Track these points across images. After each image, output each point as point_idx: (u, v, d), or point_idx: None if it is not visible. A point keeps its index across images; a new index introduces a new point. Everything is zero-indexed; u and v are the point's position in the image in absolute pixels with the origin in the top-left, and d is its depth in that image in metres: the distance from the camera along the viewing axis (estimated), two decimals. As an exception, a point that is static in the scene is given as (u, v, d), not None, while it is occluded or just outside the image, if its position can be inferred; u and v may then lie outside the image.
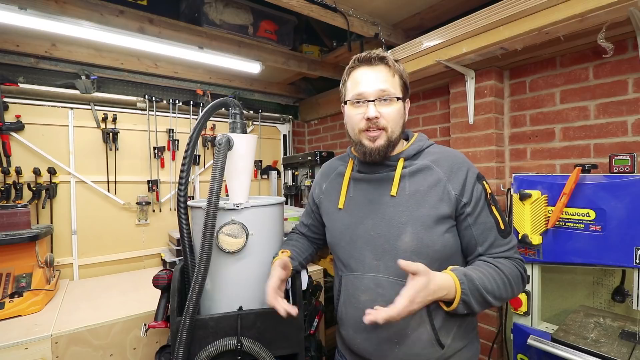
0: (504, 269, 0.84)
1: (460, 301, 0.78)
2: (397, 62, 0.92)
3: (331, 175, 1.09)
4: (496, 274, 0.83)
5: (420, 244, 0.86)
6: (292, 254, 1.08)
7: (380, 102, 0.87)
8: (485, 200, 0.88)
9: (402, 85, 0.91)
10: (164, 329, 1.17)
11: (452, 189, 0.87)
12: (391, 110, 0.88)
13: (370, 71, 0.89)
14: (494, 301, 0.82)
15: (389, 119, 0.88)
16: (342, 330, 1.00)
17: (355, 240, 0.94)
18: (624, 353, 1.11)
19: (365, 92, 0.88)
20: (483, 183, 0.90)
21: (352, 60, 0.93)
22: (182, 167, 1.10)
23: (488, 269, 0.84)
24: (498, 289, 0.82)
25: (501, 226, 0.88)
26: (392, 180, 0.92)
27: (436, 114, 2.26)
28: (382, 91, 0.87)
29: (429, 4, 1.93)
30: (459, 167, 0.89)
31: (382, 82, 0.87)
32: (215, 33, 2.12)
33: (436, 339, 0.86)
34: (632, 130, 1.47)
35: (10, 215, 1.69)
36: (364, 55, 0.90)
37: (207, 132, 2.78)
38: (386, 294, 0.88)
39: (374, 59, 0.89)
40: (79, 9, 1.74)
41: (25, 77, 2.09)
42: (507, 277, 0.83)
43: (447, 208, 0.86)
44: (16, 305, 1.49)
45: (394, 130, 0.89)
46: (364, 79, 0.89)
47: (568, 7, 1.26)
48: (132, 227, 2.41)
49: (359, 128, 0.90)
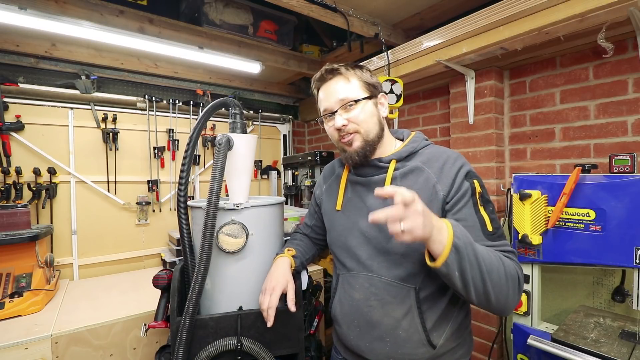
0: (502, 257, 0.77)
1: (452, 247, 0.67)
2: (356, 68, 0.96)
3: (331, 177, 1.12)
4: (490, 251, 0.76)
5: (409, 248, 0.86)
6: (296, 252, 1.09)
7: (344, 110, 0.92)
8: (470, 198, 0.84)
9: (363, 86, 0.94)
10: (164, 329, 1.17)
11: (441, 189, 0.86)
12: (356, 113, 0.91)
13: (327, 86, 0.95)
14: (487, 275, 0.71)
15: (358, 121, 0.91)
16: (336, 327, 1.03)
17: (352, 241, 0.97)
18: (624, 353, 1.11)
19: (328, 107, 0.94)
20: (473, 181, 0.86)
21: (312, 82, 1.00)
22: (182, 167, 1.10)
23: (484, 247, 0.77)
24: (491, 265, 0.72)
25: (488, 227, 0.82)
26: (383, 182, 0.93)
27: (436, 114, 2.26)
28: (342, 100, 0.91)
29: (429, 4, 1.93)
30: (450, 167, 0.88)
31: (339, 92, 0.92)
32: (215, 33, 2.12)
33: (427, 339, 0.87)
34: (632, 130, 1.47)
35: (10, 215, 1.69)
36: (318, 74, 0.97)
37: (207, 132, 2.78)
38: (379, 293, 0.90)
39: (326, 73, 0.95)
40: (79, 9, 1.74)
41: (25, 77, 2.09)
42: (503, 264, 0.75)
43: (436, 209, 0.85)
44: (16, 305, 1.49)
45: (367, 129, 0.92)
46: (324, 95, 0.96)
47: (568, 7, 1.26)
48: (132, 227, 2.41)
49: (335, 139, 0.96)
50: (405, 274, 0.88)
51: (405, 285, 0.88)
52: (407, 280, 0.88)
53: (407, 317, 0.87)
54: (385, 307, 0.89)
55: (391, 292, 0.89)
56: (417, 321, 0.87)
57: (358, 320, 0.94)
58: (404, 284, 0.88)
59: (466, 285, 0.71)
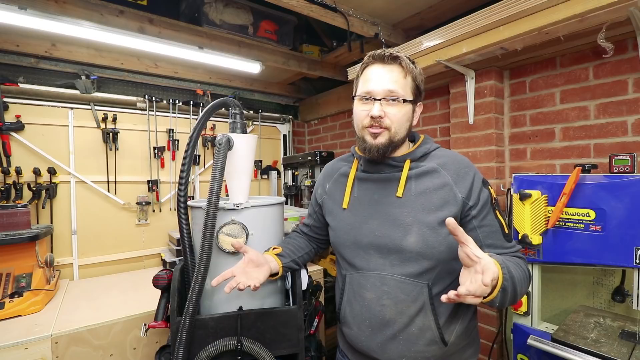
0: (521, 263, 0.86)
1: (499, 291, 0.71)
2: (414, 64, 0.91)
3: (334, 176, 1.09)
4: (517, 266, 0.82)
5: (426, 245, 0.86)
6: (283, 250, 1.07)
7: (387, 102, 0.87)
8: (490, 204, 0.90)
9: (413, 88, 0.90)
10: (164, 329, 1.17)
11: (459, 191, 0.88)
12: (397, 111, 0.88)
13: (382, 70, 0.88)
14: (519, 294, 0.79)
15: (394, 120, 0.88)
16: (345, 329, 1.00)
17: (361, 240, 0.95)
18: (624, 353, 1.11)
19: (374, 91, 0.87)
20: (489, 188, 0.92)
21: (366, 56, 0.93)
22: (182, 167, 1.10)
23: (511, 259, 0.85)
24: (520, 281, 0.78)
25: (505, 230, 0.90)
26: (398, 180, 0.92)
27: (436, 114, 2.26)
28: (390, 92, 0.86)
29: (429, 4, 1.93)
30: (466, 172, 0.90)
31: (392, 82, 0.87)
32: (215, 33, 2.12)
33: (440, 336, 0.87)
34: (632, 130, 1.47)
35: (10, 215, 1.69)
36: (379, 52, 0.89)
37: (207, 132, 2.78)
38: (391, 292, 0.89)
39: (387, 57, 0.88)
40: (79, 9, 1.74)
41: (25, 77, 2.09)
42: (524, 271, 0.84)
43: (453, 210, 0.86)
44: (16, 305, 1.49)
45: (397, 131, 0.89)
46: (374, 77, 0.88)
47: (568, 7, 1.26)
48: (132, 227, 2.41)
49: (363, 124, 0.90)
50: (419, 270, 0.88)
51: (419, 282, 0.88)
52: (420, 276, 0.88)
53: (420, 314, 0.87)
54: (399, 305, 0.88)
55: (404, 289, 0.88)
56: (430, 318, 0.87)
57: (370, 320, 0.92)
58: (418, 281, 0.88)
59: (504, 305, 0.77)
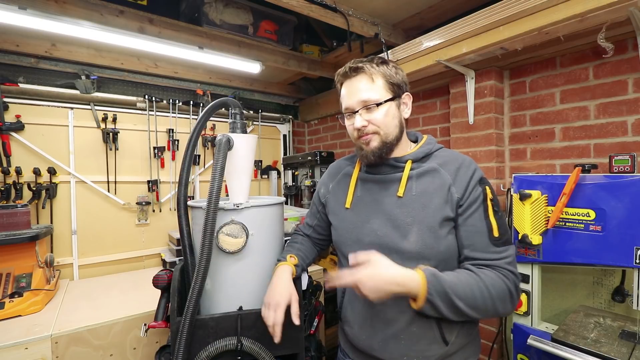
0: (486, 279, 0.81)
1: (425, 301, 0.77)
2: (384, 64, 0.92)
3: (338, 176, 1.11)
4: (474, 282, 0.80)
5: (425, 245, 0.87)
6: (298, 261, 1.08)
7: (365, 111, 0.91)
8: (482, 203, 0.87)
9: (387, 86, 0.91)
10: (164, 329, 1.17)
11: (456, 191, 0.88)
12: (377, 115, 0.90)
13: (350, 83, 0.93)
14: (468, 310, 0.78)
15: (379, 123, 0.90)
16: (346, 328, 1.01)
17: (362, 239, 0.96)
18: (624, 353, 1.11)
19: (350, 106, 0.92)
20: (485, 187, 0.89)
21: (335, 75, 0.98)
22: (182, 167, 1.10)
23: (466, 276, 0.81)
24: (473, 298, 0.78)
25: (495, 233, 0.85)
26: (399, 181, 0.93)
27: (436, 114, 2.26)
28: (364, 101, 0.90)
29: (429, 4, 1.93)
30: (465, 171, 0.90)
31: (362, 92, 0.90)
32: (215, 33, 2.12)
33: (441, 335, 0.88)
34: (632, 130, 1.47)
35: (10, 215, 1.69)
36: (342, 70, 0.94)
37: (207, 132, 2.78)
38: None
39: (350, 71, 0.92)
40: (79, 9, 1.74)
41: (25, 77, 2.09)
42: (486, 288, 0.79)
43: (450, 210, 0.87)
44: (16, 305, 1.49)
45: (387, 132, 0.91)
46: (346, 93, 0.94)
47: (568, 7, 1.26)
48: (132, 227, 2.41)
49: (354, 137, 0.95)
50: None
51: None
52: None
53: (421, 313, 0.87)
54: (401, 304, 0.88)
55: None
56: (431, 317, 0.87)
57: (371, 320, 0.93)
58: None
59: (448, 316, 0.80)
